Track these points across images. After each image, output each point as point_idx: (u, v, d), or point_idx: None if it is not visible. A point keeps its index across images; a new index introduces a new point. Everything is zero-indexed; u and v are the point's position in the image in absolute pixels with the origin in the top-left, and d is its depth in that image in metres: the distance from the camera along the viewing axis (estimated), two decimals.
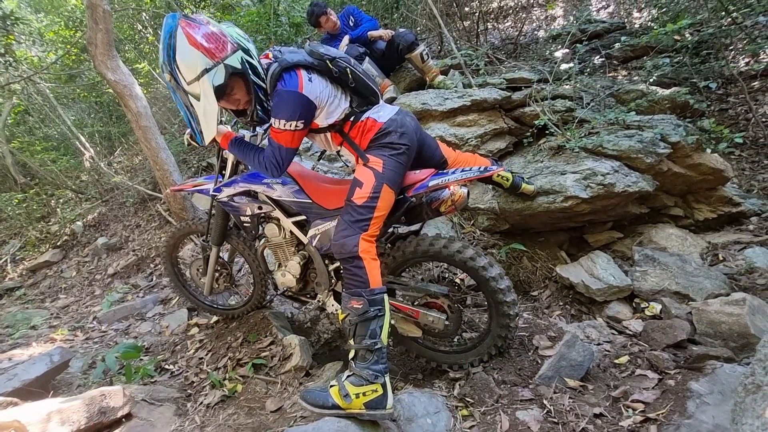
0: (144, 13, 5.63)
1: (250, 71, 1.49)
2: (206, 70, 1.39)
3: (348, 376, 1.50)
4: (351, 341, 1.53)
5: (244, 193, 1.96)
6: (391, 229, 1.88)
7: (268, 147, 1.59)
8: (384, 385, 1.47)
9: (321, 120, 1.63)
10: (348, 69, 1.59)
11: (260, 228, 2.07)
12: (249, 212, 2.00)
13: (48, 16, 6.51)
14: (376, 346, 1.48)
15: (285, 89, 1.47)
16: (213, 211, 2.17)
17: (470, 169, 1.62)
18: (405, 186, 1.66)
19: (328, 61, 1.54)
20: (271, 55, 1.55)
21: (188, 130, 2.00)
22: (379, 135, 1.62)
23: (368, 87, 1.65)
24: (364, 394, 1.45)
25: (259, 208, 1.97)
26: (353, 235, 1.53)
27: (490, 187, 2.77)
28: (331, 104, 1.60)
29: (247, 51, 1.48)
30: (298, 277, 1.96)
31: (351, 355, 1.53)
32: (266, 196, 1.91)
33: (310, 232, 1.83)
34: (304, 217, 1.88)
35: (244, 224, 2.09)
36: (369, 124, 1.64)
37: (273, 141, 1.55)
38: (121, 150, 6.61)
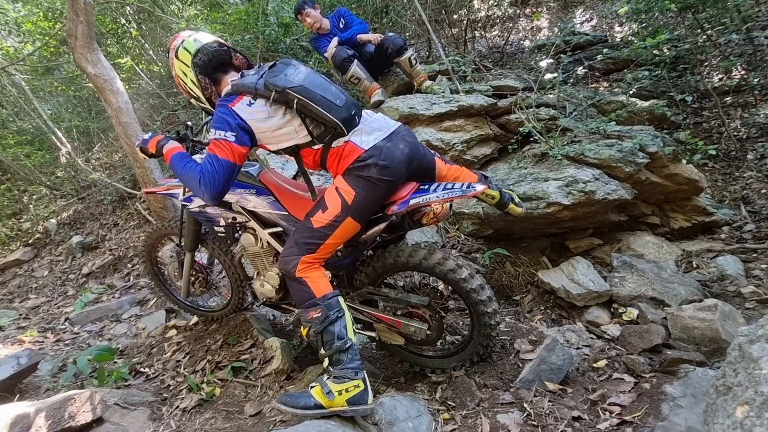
0: (128, 7, 5.50)
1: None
2: None
3: (329, 377, 1.49)
4: (321, 350, 1.51)
5: (217, 203, 1.89)
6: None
7: (204, 158, 1.52)
8: (364, 380, 1.48)
9: (270, 145, 1.60)
10: (297, 100, 1.46)
11: (236, 236, 2.00)
12: (223, 222, 1.94)
13: (26, 6, 6.29)
14: (347, 345, 1.48)
15: (219, 103, 1.53)
16: (184, 219, 2.10)
17: (453, 187, 1.51)
18: (386, 203, 1.58)
19: (275, 92, 1.47)
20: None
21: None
22: (356, 165, 1.49)
23: (326, 118, 1.47)
24: (347, 390, 1.44)
25: (233, 218, 1.90)
26: (295, 255, 1.53)
27: None
28: (280, 130, 1.53)
29: (196, 98, 1.70)
30: (277, 287, 1.89)
31: (325, 363, 1.52)
32: (241, 206, 1.85)
33: None
34: (281, 229, 1.83)
35: (218, 234, 2.02)
36: (348, 150, 1.52)
37: (208, 153, 1.50)
38: (100, 146, 6.42)
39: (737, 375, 1.02)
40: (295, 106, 1.48)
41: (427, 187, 1.58)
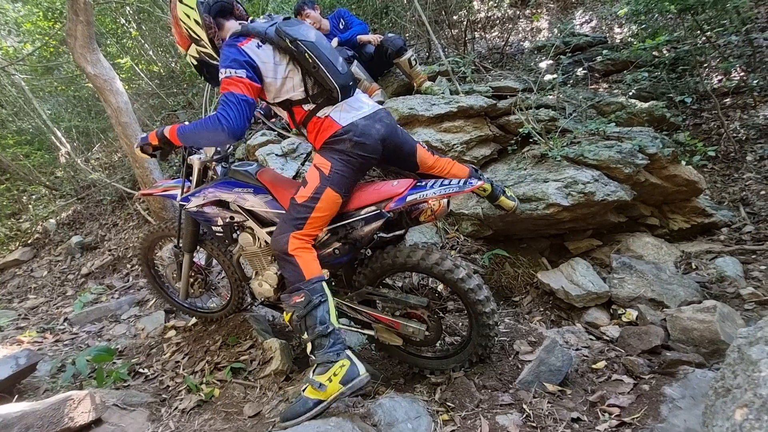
0: (128, 8, 5.50)
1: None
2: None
3: (313, 371, 1.50)
4: (304, 335, 1.52)
5: (215, 203, 1.88)
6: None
7: (220, 100, 1.51)
8: (348, 357, 1.49)
9: (269, 94, 1.59)
10: (307, 54, 1.48)
11: (234, 236, 2.00)
12: (220, 222, 1.94)
13: (26, 6, 6.28)
14: (329, 330, 1.50)
15: (227, 44, 1.52)
16: (182, 219, 2.10)
17: (449, 183, 1.55)
18: (382, 199, 1.59)
19: (287, 41, 1.48)
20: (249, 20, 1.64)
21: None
22: (333, 138, 1.56)
23: (327, 80, 1.51)
24: (335, 374, 1.46)
25: (231, 217, 1.90)
26: (285, 232, 1.56)
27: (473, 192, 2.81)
28: (284, 81, 1.55)
29: (197, 41, 1.62)
30: (275, 287, 1.88)
31: (309, 348, 1.52)
32: (238, 206, 1.85)
33: None
34: None
35: (216, 234, 2.02)
36: (326, 124, 1.58)
37: (222, 93, 1.48)
38: (100, 146, 6.41)
39: (736, 377, 1.02)
40: (301, 59, 1.50)
41: (423, 183, 1.59)
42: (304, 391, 1.51)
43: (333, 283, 1.88)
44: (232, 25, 1.63)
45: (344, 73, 1.57)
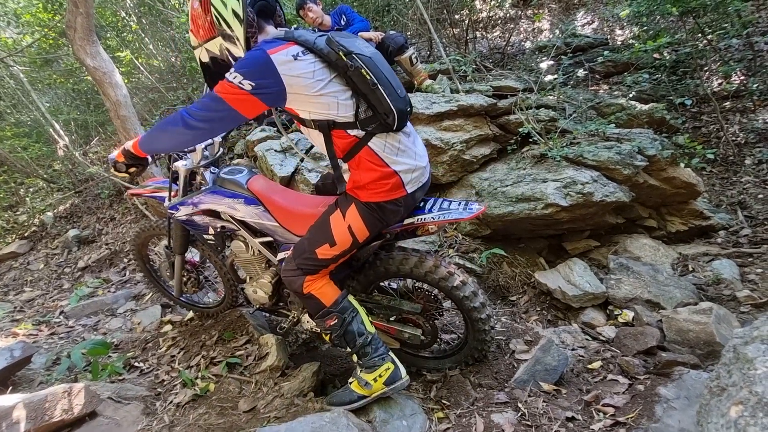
0: (128, 0, 5.48)
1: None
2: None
3: (361, 369, 1.60)
4: (348, 349, 1.60)
5: (205, 212, 1.84)
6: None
7: (203, 98, 1.32)
8: (393, 361, 1.58)
9: (302, 110, 1.33)
10: (363, 71, 1.24)
11: (226, 243, 1.96)
12: (211, 231, 1.90)
13: None
14: (369, 339, 1.57)
15: (256, 47, 1.27)
16: (171, 223, 2.05)
17: (449, 208, 1.49)
18: None
19: (341, 53, 1.24)
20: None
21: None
22: (387, 205, 1.40)
23: (384, 102, 1.28)
24: (380, 375, 1.56)
25: (222, 227, 1.86)
26: (299, 276, 1.54)
27: (474, 192, 2.81)
28: (320, 97, 1.27)
29: (227, 36, 1.31)
30: (270, 294, 1.86)
31: (354, 359, 1.61)
32: (230, 216, 1.80)
33: (280, 255, 1.73)
34: (272, 239, 1.79)
35: (208, 241, 1.97)
36: (393, 184, 1.37)
37: (213, 92, 1.28)
38: (98, 140, 6.38)
39: (731, 376, 1.03)
40: (354, 76, 1.26)
41: (422, 204, 1.55)
42: (350, 384, 1.61)
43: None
44: (272, 31, 1.38)
45: (403, 97, 1.35)
